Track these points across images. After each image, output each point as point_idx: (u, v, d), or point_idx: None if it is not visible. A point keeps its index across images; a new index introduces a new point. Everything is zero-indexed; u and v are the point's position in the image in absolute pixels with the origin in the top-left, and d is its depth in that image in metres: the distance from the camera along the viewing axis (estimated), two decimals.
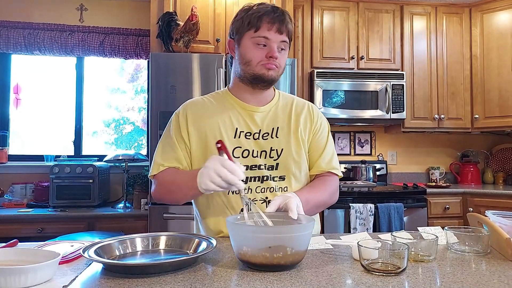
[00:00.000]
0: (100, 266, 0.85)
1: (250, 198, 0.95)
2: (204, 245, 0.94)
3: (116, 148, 3.36)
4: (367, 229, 2.57)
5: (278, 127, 1.18)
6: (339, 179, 1.27)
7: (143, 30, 3.12)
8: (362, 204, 2.61)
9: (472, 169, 3.33)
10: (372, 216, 2.60)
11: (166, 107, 2.36)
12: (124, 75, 3.41)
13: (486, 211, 1.11)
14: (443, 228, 1.07)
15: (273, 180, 1.15)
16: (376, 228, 2.59)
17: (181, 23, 2.53)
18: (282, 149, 1.16)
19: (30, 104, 3.20)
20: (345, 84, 3.02)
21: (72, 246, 1.00)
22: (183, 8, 2.63)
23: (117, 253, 0.93)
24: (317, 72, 2.98)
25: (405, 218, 2.68)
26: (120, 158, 2.76)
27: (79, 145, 3.18)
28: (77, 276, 0.79)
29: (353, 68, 3.11)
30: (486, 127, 3.21)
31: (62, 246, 1.00)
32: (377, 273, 0.80)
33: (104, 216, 2.55)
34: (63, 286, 0.73)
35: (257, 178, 1.14)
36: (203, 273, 0.80)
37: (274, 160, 1.15)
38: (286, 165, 1.16)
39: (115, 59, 3.18)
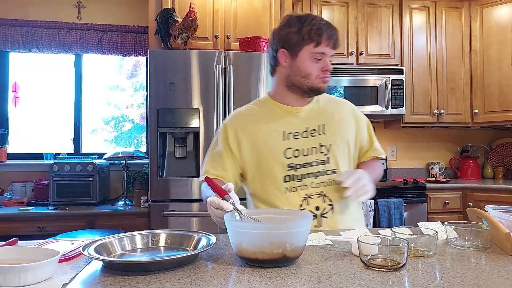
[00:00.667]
0: (100, 264, 0.85)
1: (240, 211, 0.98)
2: (204, 242, 0.94)
3: (115, 145, 3.35)
4: (367, 224, 2.57)
5: (323, 124, 1.25)
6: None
7: (141, 27, 3.11)
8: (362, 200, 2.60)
9: (472, 164, 3.33)
10: (372, 212, 2.60)
11: (165, 104, 2.36)
12: (123, 72, 3.40)
13: (485, 206, 1.11)
14: (443, 223, 1.07)
15: (326, 174, 1.22)
16: (376, 224, 2.59)
17: (180, 20, 2.52)
18: (331, 144, 1.23)
19: (29, 102, 3.19)
20: (345, 80, 3.01)
21: (72, 244, 1.00)
22: (181, 4, 2.62)
23: (117, 251, 0.93)
24: None
25: (405, 214, 2.68)
26: (120, 155, 2.76)
27: (78, 143, 3.18)
28: (77, 274, 0.79)
29: (352, 64, 3.10)
30: (486, 122, 3.20)
31: (62, 244, 1.00)
32: (377, 269, 0.80)
33: (104, 213, 2.55)
34: (63, 284, 0.73)
35: (310, 174, 1.20)
36: (203, 270, 0.80)
37: (325, 155, 1.22)
38: (336, 159, 1.23)
39: (114, 56, 3.17)
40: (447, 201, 2.86)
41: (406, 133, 3.49)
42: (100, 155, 2.96)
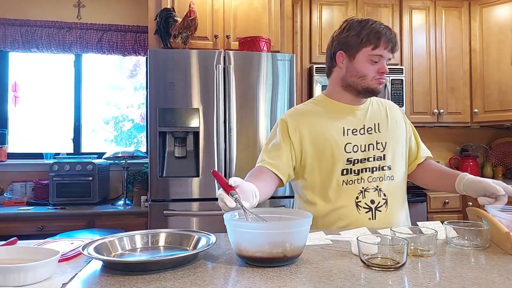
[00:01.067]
0: (100, 263, 0.85)
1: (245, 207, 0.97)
2: (203, 241, 0.94)
3: (115, 145, 3.35)
4: None
5: (378, 123, 1.31)
6: None
7: (141, 27, 3.11)
8: None
9: (471, 163, 3.33)
10: None
11: (165, 103, 2.36)
12: (123, 71, 3.40)
13: (485, 205, 1.11)
14: (442, 222, 1.07)
15: (382, 170, 1.27)
16: None
17: (179, 19, 2.52)
18: (386, 142, 1.29)
19: (29, 102, 3.19)
20: None
21: (72, 243, 1.00)
22: (181, 4, 2.62)
23: (117, 251, 0.93)
24: (316, 67, 2.97)
25: None
26: (120, 155, 2.76)
27: (78, 143, 3.18)
28: (76, 274, 0.79)
29: None
30: (486, 121, 3.20)
31: (62, 244, 1.00)
32: (376, 268, 0.80)
33: (104, 213, 2.55)
34: (63, 284, 0.73)
35: (368, 169, 1.26)
36: (202, 270, 0.80)
37: (381, 152, 1.28)
38: (391, 156, 1.28)
39: (113, 56, 3.17)
40: (447, 201, 2.86)
41: None
42: (100, 155, 2.96)
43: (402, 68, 3.08)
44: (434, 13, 3.23)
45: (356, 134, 1.27)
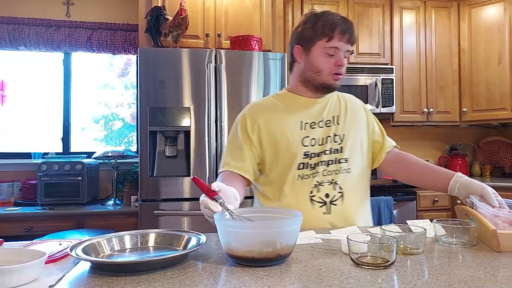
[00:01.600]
0: (88, 264, 0.84)
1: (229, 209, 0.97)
2: (193, 241, 0.93)
3: (106, 144, 3.32)
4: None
5: (338, 115, 1.29)
6: None
7: (131, 25, 3.08)
8: None
9: (460, 162, 3.37)
10: None
11: (155, 103, 2.34)
12: (114, 70, 3.37)
13: (470, 195, 1.11)
14: (431, 220, 1.08)
15: (338, 162, 1.25)
16: None
17: (170, 18, 2.50)
18: (344, 134, 1.27)
19: (17, 100, 3.14)
20: None
21: (60, 244, 0.99)
22: (171, 2, 2.60)
23: (106, 251, 0.92)
24: None
25: (394, 211, 2.70)
26: (110, 154, 2.73)
27: (67, 142, 3.14)
28: (64, 275, 0.78)
29: None
30: (474, 120, 3.25)
31: (50, 245, 0.99)
32: (366, 267, 0.80)
33: (94, 213, 2.53)
34: (50, 286, 0.71)
35: (323, 162, 1.24)
36: (192, 270, 0.80)
37: (339, 144, 1.26)
38: (348, 149, 1.26)
39: (103, 54, 3.14)
40: (436, 199, 2.89)
41: (396, 131, 3.51)
42: (90, 154, 2.93)
43: (392, 68, 3.11)
44: (424, 13, 3.27)
45: (314, 128, 1.25)
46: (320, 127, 1.26)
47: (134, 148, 3.23)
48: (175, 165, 2.42)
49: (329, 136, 1.25)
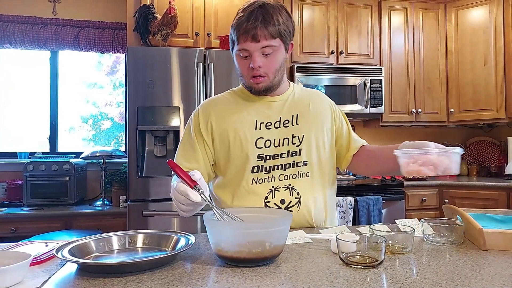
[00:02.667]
0: (75, 266, 0.82)
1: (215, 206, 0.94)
2: (182, 242, 0.93)
3: (94, 144, 3.28)
4: (346, 222, 2.61)
5: (297, 114, 1.20)
6: None
7: (120, 23, 3.05)
8: (342, 198, 2.64)
9: None
10: (352, 209, 2.64)
11: (144, 102, 2.32)
12: (103, 68, 3.33)
13: (394, 151, 0.97)
14: (419, 220, 1.09)
15: (297, 166, 1.17)
16: (356, 221, 2.63)
17: (159, 16, 2.48)
18: (304, 135, 1.18)
19: (2, 99, 3.08)
20: (325, 79, 3.04)
21: (46, 246, 0.97)
22: (160, 1, 2.58)
23: (93, 253, 0.91)
24: (297, 67, 2.99)
25: (383, 211, 2.73)
26: (98, 154, 2.70)
27: (54, 142, 3.09)
28: (49, 278, 0.76)
29: (332, 63, 3.13)
30: (461, 120, 3.30)
31: (36, 247, 0.97)
32: (355, 266, 0.80)
33: (82, 214, 2.49)
34: None
35: (280, 166, 1.16)
36: (181, 271, 0.79)
37: (297, 146, 1.17)
38: (308, 151, 1.18)
39: (91, 53, 3.10)
40: (424, 198, 2.93)
41: (384, 131, 3.55)
42: (78, 154, 2.89)
43: (381, 68, 3.14)
44: (412, 15, 3.30)
45: (270, 128, 1.17)
46: (277, 127, 1.17)
47: (123, 148, 3.19)
48: (164, 165, 2.38)
49: (287, 138, 1.17)
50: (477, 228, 0.94)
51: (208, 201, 0.91)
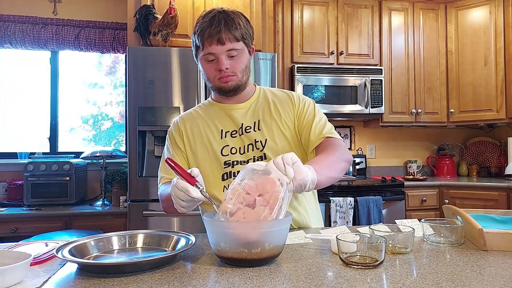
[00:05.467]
0: (75, 266, 0.82)
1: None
2: (183, 242, 0.93)
3: (94, 144, 3.28)
4: (347, 222, 2.61)
5: (259, 120, 1.22)
6: None
7: (120, 24, 3.05)
8: (342, 198, 2.64)
9: (448, 162, 3.42)
10: (352, 209, 2.64)
11: (144, 102, 2.32)
12: (103, 68, 3.33)
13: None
14: (419, 220, 1.09)
15: None
16: (356, 221, 2.63)
17: (159, 17, 2.48)
18: (266, 139, 1.19)
19: (2, 99, 3.08)
20: (325, 79, 3.04)
21: (46, 246, 0.97)
22: (161, 1, 2.58)
23: (93, 253, 0.91)
24: (297, 67, 2.99)
25: (383, 211, 2.73)
26: (98, 154, 2.70)
27: (54, 142, 3.09)
28: (50, 277, 0.76)
29: (332, 63, 3.13)
30: (461, 121, 3.30)
31: (36, 246, 0.97)
32: (355, 266, 0.80)
33: (82, 214, 2.49)
34: None
35: None
36: (181, 271, 0.79)
37: (261, 151, 1.18)
38: (273, 154, 1.18)
39: (92, 53, 3.10)
40: (424, 198, 2.93)
41: (384, 132, 3.55)
42: (78, 154, 2.89)
43: (381, 69, 3.14)
44: (412, 15, 3.30)
45: (235, 136, 1.20)
46: (241, 134, 1.20)
47: (123, 148, 3.19)
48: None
49: (251, 144, 1.19)
50: (477, 228, 0.94)
51: (208, 197, 0.91)
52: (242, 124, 1.21)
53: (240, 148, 1.19)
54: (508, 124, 3.29)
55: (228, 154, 1.18)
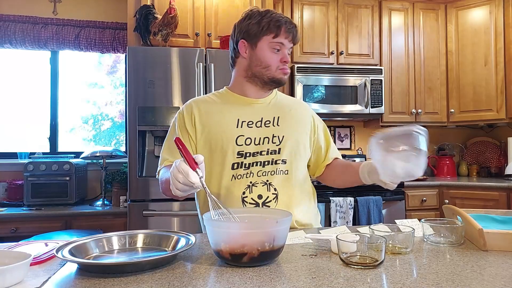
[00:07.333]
0: (75, 266, 0.82)
1: (212, 195, 0.95)
2: (183, 242, 0.93)
3: (94, 144, 3.28)
4: (347, 222, 2.61)
5: (278, 117, 1.25)
6: None
7: (120, 23, 3.05)
8: (342, 198, 2.64)
9: (448, 162, 3.42)
10: (352, 209, 2.64)
11: (144, 102, 2.32)
12: (103, 67, 3.33)
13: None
14: (419, 220, 1.09)
15: (275, 163, 1.20)
16: (356, 221, 2.63)
17: (159, 16, 2.48)
18: (284, 136, 1.23)
19: (2, 99, 3.08)
20: (325, 79, 3.04)
21: (46, 245, 0.97)
22: (161, 1, 2.58)
23: (93, 253, 0.91)
24: (297, 67, 2.99)
25: (383, 211, 2.73)
26: (98, 154, 2.70)
27: (54, 142, 3.09)
28: (49, 277, 0.76)
29: (333, 63, 3.13)
30: (461, 121, 3.30)
31: (36, 246, 0.97)
32: (355, 266, 0.80)
33: (82, 214, 2.49)
34: None
35: (259, 163, 1.19)
36: (181, 271, 0.79)
37: (277, 145, 1.22)
38: (288, 151, 1.22)
39: (92, 53, 3.10)
40: (424, 199, 2.93)
41: None
42: (78, 154, 2.89)
43: (381, 69, 3.13)
44: (413, 15, 3.30)
45: (252, 127, 1.21)
46: (258, 127, 1.22)
47: (123, 148, 3.19)
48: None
49: (267, 137, 1.21)
50: (477, 228, 0.94)
51: (205, 187, 0.91)
52: (262, 118, 1.23)
53: (255, 139, 1.20)
54: (508, 124, 3.29)
55: (242, 144, 1.19)
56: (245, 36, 1.21)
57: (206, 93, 2.37)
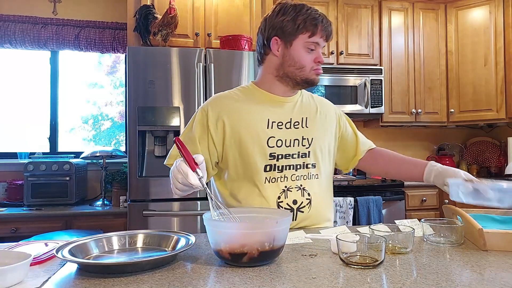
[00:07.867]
0: (75, 266, 0.82)
1: (213, 196, 0.94)
2: (182, 242, 0.93)
3: (94, 144, 3.28)
4: (347, 222, 2.61)
5: (306, 117, 1.22)
6: None
7: (120, 23, 3.05)
8: (342, 198, 2.64)
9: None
10: (352, 209, 2.64)
11: (144, 102, 2.32)
12: (103, 67, 3.33)
13: (448, 179, 1.08)
14: (419, 220, 1.09)
15: (306, 167, 1.19)
16: (356, 221, 2.63)
17: (159, 16, 2.48)
18: (312, 138, 1.21)
19: (2, 99, 3.08)
20: (325, 79, 3.03)
21: (46, 246, 0.97)
22: (160, 1, 2.58)
23: (93, 253, 0.91)
24: None
25: (383, 211, 2.73)
26: (98, 154, 2.70)
27: (54, 142, 3.09)
28: (49, 277, 0.76)
29: (332, 63, 3.13)
30: (461, 121, 3.30)
31: (36, 246, 0.97)
32: (355, 266, 0.80)
33: (82, 214, 2.49)
34: None
35: (291, 166, 1.17)
36: (181, 271, 0.79)
37: (306, 148, 1.19)
38: (316, 153, 1.21)
39: (92, 53, 3.10)
40: (424, 198, 2.93)
41: (384, 132, 3.55)
42: (78, 155, 2.89)
43: (381, 69, 3.13)
44: (412, 15, 3.30)
45: (282, 128, 1.17)
46: (288, 128, 1.18)
47: (123, 148, 3.19)
48: (165, 165, 2.39)
49: (297, 139, 1.18)
50: (477, 228, 0.94)
51: (205, 187, 0.91)
52: (291, 118, 1.19)
53: (285, 140, 1.16)
54: (508, 124, 3.29)
55: (274, 146, 1.15)
56: (279, 33, 1.14)
57: (206, 93, 2.37)
